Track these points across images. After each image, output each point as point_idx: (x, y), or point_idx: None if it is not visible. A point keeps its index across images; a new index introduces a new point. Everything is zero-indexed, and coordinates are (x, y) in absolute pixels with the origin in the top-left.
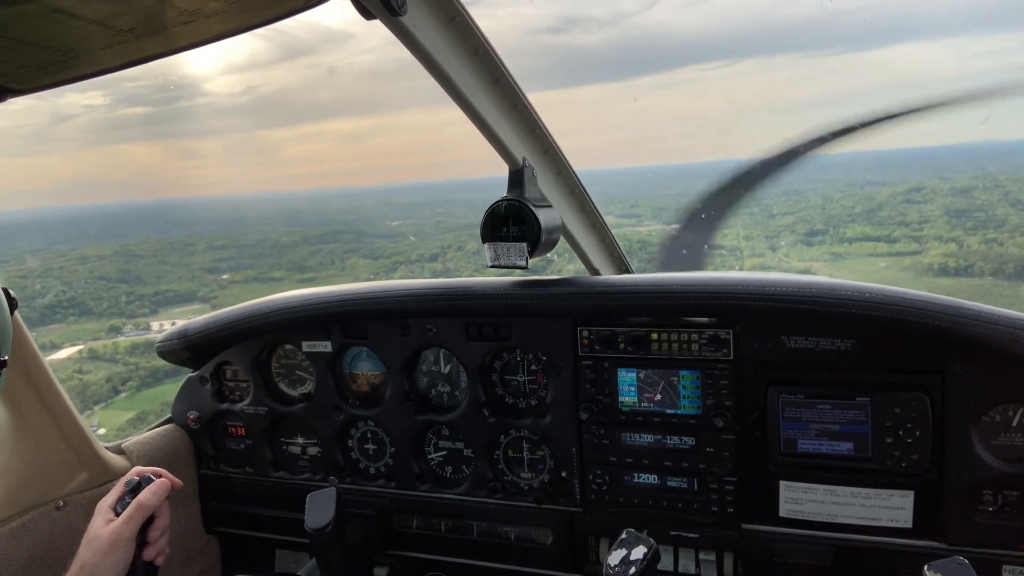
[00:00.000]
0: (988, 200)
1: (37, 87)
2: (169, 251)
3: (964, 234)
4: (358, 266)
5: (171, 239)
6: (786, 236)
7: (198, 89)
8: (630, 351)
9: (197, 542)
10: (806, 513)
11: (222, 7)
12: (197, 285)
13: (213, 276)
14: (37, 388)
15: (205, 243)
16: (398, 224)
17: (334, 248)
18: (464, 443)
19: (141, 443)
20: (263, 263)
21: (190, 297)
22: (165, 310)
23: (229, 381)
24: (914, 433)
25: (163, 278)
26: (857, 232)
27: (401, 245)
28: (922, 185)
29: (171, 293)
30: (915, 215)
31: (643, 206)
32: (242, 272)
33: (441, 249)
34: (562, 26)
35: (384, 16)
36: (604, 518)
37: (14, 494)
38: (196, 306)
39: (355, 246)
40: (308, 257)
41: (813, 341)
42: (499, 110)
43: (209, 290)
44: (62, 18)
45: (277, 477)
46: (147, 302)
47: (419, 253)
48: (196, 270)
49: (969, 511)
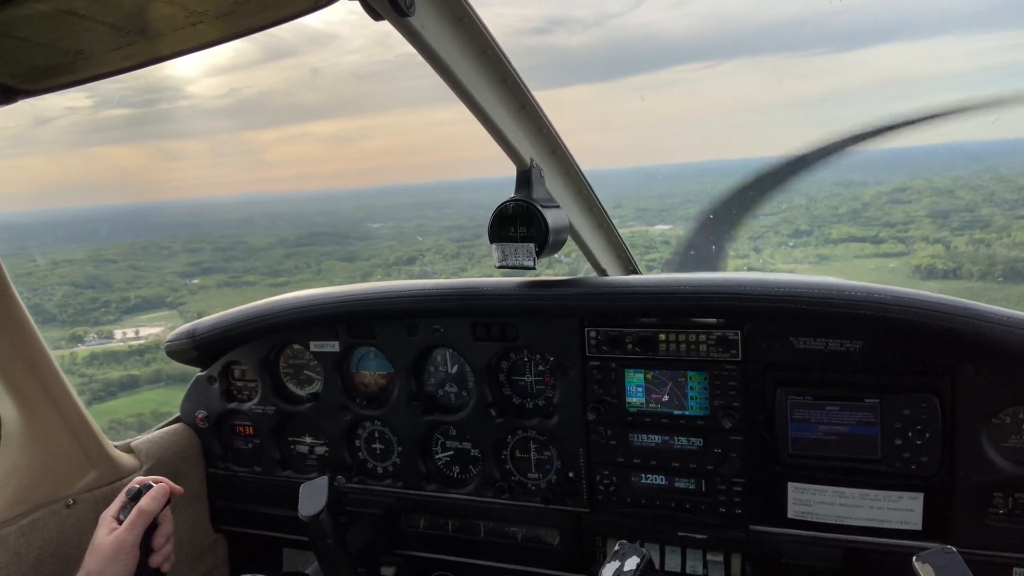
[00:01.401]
0: (973, 200)
1: (46, 88)
2: (143, 255)
3: (951, 235)
4: (334, 269)
5: (145, 243)
6: (770, 237)
7: (181, 91)
8: (638, 352)
9: (205, 541)
10: (815, 515)
11: (232, 8)
12: (166, 290)
13: (184, 281)
14: (47, 387)
15: (181, 246)
16: (379, 226)
17: (311, 251)
18: (471, 443)
19: (150, 442)
20: (237, 266)
21: (158, 303)
22: (131, 317)
23: (237, 380)
24: (924, 435)
25: (133, 283)
26: (843, 233)
27: (380, 248)
28: (907, 185)
29: (138, 299)
30: (901, 215)
31: (626, 207)
32: (214, 276)
33: (419, 252)
34: (547, 27)
35: (392, 17)
36: (612, 518)
37: (24, 492)
38: (164, 312)
39: (332, 249)
40: (283, 260)
41: (822, 342)
42: (507, 110)
43: (178, 296)
44: (72, 19)
45: (285, 476)
46: (113, 309)
47: (397, 256)
48: (168, 275)
49: (979, 513)
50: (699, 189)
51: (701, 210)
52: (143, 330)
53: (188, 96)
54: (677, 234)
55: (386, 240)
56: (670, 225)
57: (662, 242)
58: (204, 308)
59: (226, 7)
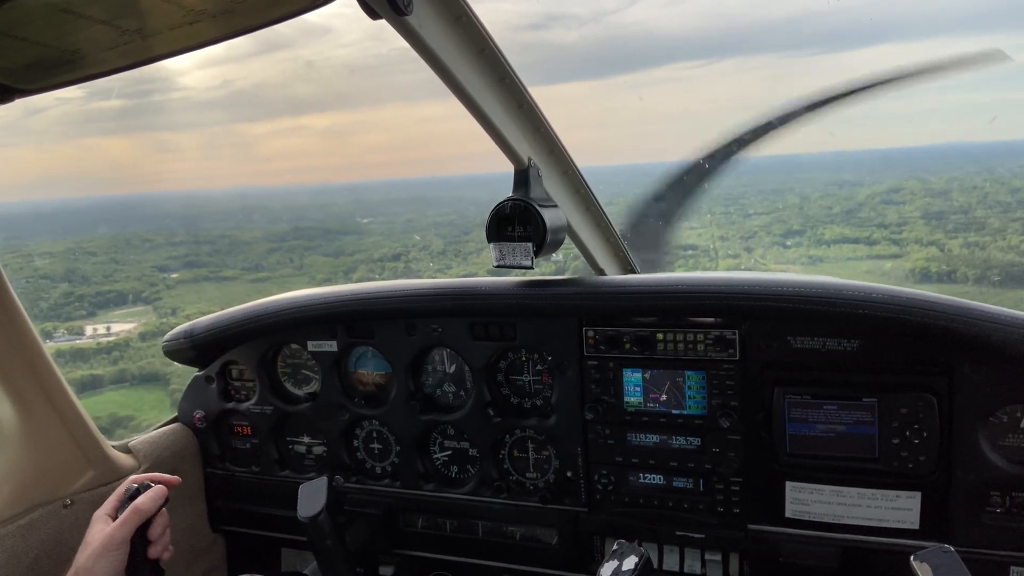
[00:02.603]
0: (967, 202)
1: (43, 87)
2: (125, 248)
3: (945, 237)
4: (316, 264)
5: (128, 235)
6: (762, 237)
7: (174, 83)
8: (636, 351)
9: (203, 541)
10: (812, 514)
11: (229, 7)
12: (143, 285)
13: (164, 275)
14: (44, 387)
15: (164, 239)
16: (368, 221)
17: (295, 245)
18: (469, 443)
19: (147, 442)
20: (218, 261)
21: (134, 298)
22: (104, 312)
23: (235, 380)
24: (921, 434)
25: (110, 277)
26: (835, 234)
27: (366, 243)
28: (900, 186)
29: (113, 294)
30: (894, 216)
31: (619, 204)
32: (193, 271)
33: (405, 248)
34: (543, 23)
35: (390, 16)
36: (610, 518)
37: (21, 492)
38: (138, 308)
39: (318, 243)
40: (266, 255)
41: (819, 341)
42: (504, 109)
43: (154, 290)
44: (69, 18)
45: (283, 476)
46: (86, 303)
47: (382, 252)
48: (147, 268)
49: (976, 512)
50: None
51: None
52: (115, 326)
53: (181, 88)
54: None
55: (373, 236)
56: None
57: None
58: (178, 304)
59: (224, 6)
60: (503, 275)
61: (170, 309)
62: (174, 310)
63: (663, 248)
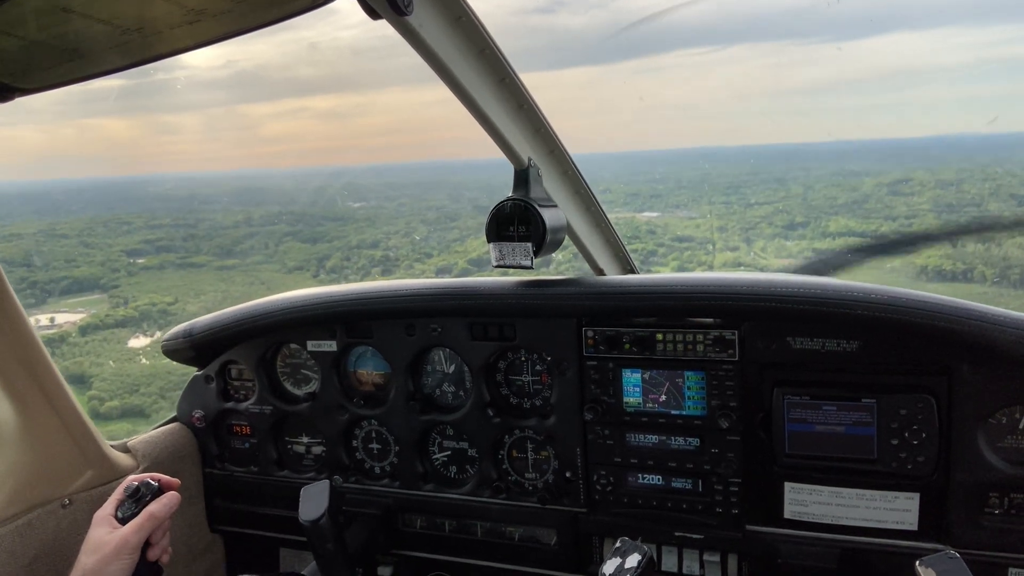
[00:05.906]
0: (979, 194)
1: (44, 86)
2: (100, 231)
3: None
4: (292, 250)
5: (107, 217)
6: (763, 228)
7: (178, 61)
8: (635, 351)
9: (202, 541)
10: (811, 515)
11: (229, 7)
12: (106, 271)
13: (130, 260)
14: (43, 387)
15: (144, 222)
16: (360, 206)
17: (274, 231)
18: (468, 443)
19: (146, 442)
20: (192, 246)
21: (90, 285)
22: (56, 300)
23: (234, 380)
24: (920, 435)
25: (73, 262)
26: (840, 226)
27: (347, 229)
28: (909, 176)
29: (68, 280)
30: (903, 208)
31: (615, 192)
32: (162, 256)
33: (386, 235)
34: (550, 7)
35: (390, 16)
36: (609, 519)
37: (20, 492)
38: (94, 296)
39: (299, 228)
40: (242, 240)
41: (819, 342)
42: (505, 110)
43: (115, 277)
44: (69, 17)
45: (282, 476)
46: (38, 290)
47: (360, 239)
48: (116, 252)
49: (975, 513)
50: (693, 176)
51: (692, 198)
52: (61, 316)
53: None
54: (665, 222)
55: (357, 221)
56: (658, 213)
57: (647, 231)
58: (137, 293)
59: (224, 5)
60: (502, 275)
61: (122, 299)
62: (125, 300)
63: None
